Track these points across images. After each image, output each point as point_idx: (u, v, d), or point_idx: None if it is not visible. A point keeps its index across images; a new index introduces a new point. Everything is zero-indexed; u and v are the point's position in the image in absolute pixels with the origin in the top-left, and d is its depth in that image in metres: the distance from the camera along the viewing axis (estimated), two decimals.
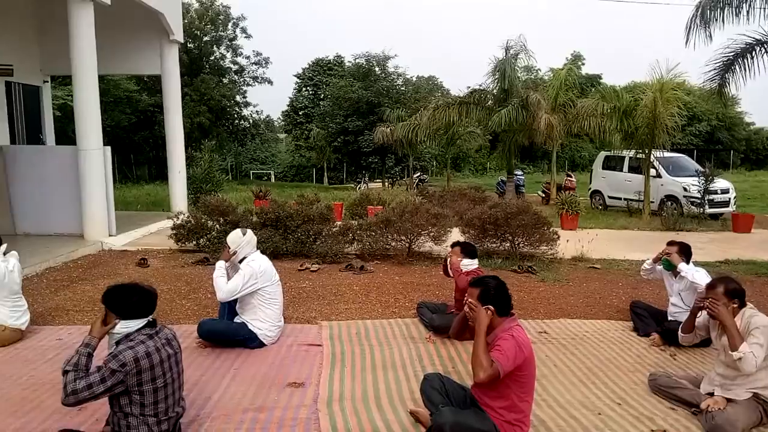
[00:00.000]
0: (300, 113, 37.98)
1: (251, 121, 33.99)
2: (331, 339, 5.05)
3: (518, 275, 7.58)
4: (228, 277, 4.74)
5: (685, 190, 14.26)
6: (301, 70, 38.99)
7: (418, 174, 27.89)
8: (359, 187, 25.41)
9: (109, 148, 9.50)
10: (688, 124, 32.77)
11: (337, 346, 4.87)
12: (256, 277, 4.69)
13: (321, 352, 4.73)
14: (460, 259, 5.26)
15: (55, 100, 16.45)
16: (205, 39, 30.23)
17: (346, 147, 30.57)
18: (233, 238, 4.84)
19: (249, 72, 32.65)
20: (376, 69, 30.95)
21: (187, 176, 13.41)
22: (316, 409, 3.70)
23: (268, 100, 62.50)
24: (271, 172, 41.65)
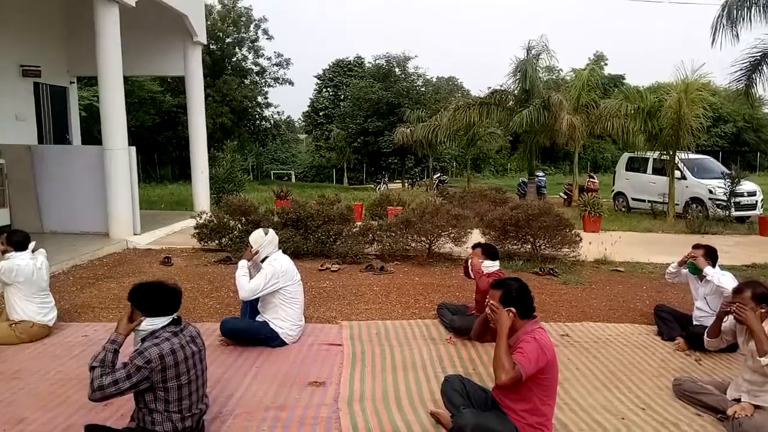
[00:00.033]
0: (320, 114, 38.15)
1: (272, 121, 34.27)
2: (352, 339, 5.07)
3: (540, 277, 7.52)
4: (250, 276, 4.79)
5: (711, 192, 14.04)
6: (321, 71, 39.19)
7: (438, 175, 27.83)
8: (379, 188, 25.41)
9: (134, 148, 9.65)
10: (714, 125, 32.17)
11: (358, 346, 4.88)
12: (277, 276, 4.73)
13: (341, 352, 4.75)
14: (481, 260, 5.24)
15: (81, 100, 16.73)
16: (228, 40, 30.53)
17: (366, 147, 30.65)
18: (255, 238, 4.88)
19: (270, 73, 32.92)
20: (397, 70, 30.98)
21: (210, 176, 13.55)
22: (337, 409, 3.72)
23: (288, 101, 62.96)
24: (292, 173, 41.91)
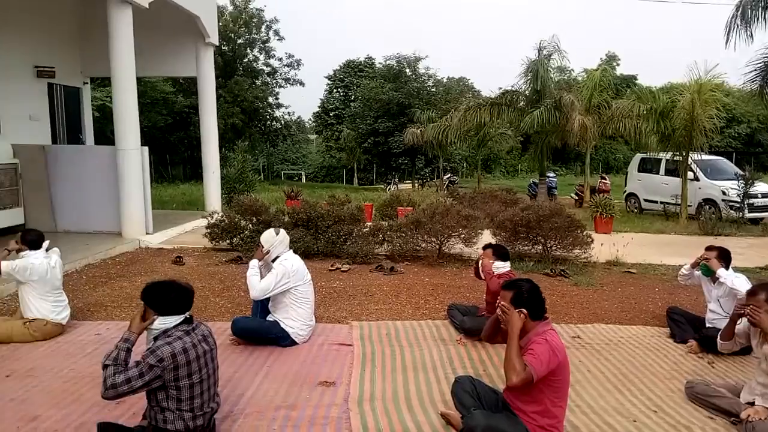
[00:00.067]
0: (331, 114, 38.22)
1: (283, 122, 34.33)
2: (362, 339, 5.07)
3: (551, 279, 7.48)
4: (261, 275, 4.81)
5: (724, 193, 13.92)
6: (332, 72, 39.25)
7: (448, 175, 27.78)
8: (389, 188, 25.42)
9: (146, 149, 9.70)
10: (727, 126, 31.87)
11: (368, 347, 4.89)
12: (288, 276, 4.75)
13: (352, 352, 4.76)
14: (492, 261, 5.23)
15: (94, 101, 16.90)
16: (239, 41, 30.64)
17: (377, 148, 30.66)
18: (267, 238, 4.90)
19: (281, 74, 32.99)
20: (407, 70, 30.96)
21: (221, 176, 13.61)
22: (347, 409, 3.73)
23: (299, 102, 63.10)
24: (302, 173, 42.07)
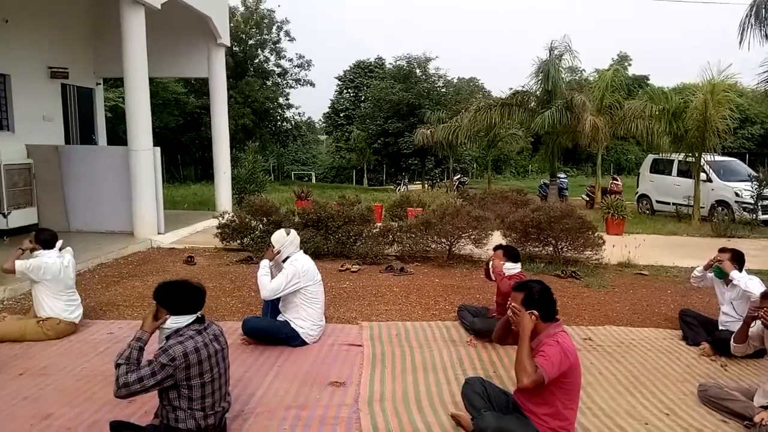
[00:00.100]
0: (341, 115, 38.26)
1: (293, 122, 34.43)
2: (372, 339, 5.08)
3: (561, 280, 7.45)
4: (272, 275, 4.83)
5: (737, 195, 13.78)
6: (342, 73, 39.31)
7: (458, 176, 27.74)
8: (399, 189, 25.43)
9: (158, 149, 9.77)
10: (741, 126, 31.52)
11: (378, 347, 4.89)
12: (299, 276, 4.76)
13: (361, 353, 4.76)
14: (502, 262, 5.21)
15: (107, 101, 16.97)
16: (250, 42, 30.75)
17: (386, 149, 30.68)
18: (277, 238, 4.92)
19: (292, 74, 33.09)
20: (417, 71, 30.95)
21: (232, 177, 13.68)
22: (358, 409, 3.73)
23: (309, 102, 63.26)
24: (312, 173, 42.18)
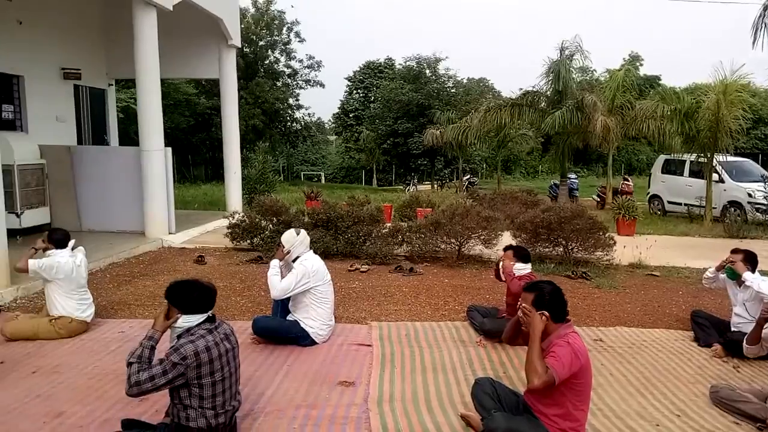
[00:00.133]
0: (350, 115, 38.31)
1: (303, 123, 34.50)
2: (381, 339, 5.08)
3: (572, 281, 7.41)
4: (282, 275, 4.85)
5: (750, 195, 13.65)
6: (352, 73, 39.36)
7: (467, 176, 27.67)
8: (408, 189, 25.42)
9: (170, 149, 9.85)
10: (753, 127, 31.20)
11: (387, 347, 4.89)
12: (308, 276, 4.78)
13: (371, 352, 4.77)
14: (512, 263, 5.20)
15: (119, 102, 17.10)
16: (261, 43, 30.84)
17: (396, 149, 30.69)
18: (287, 238, 4.94)
19: (302, 75, 33.17)
20: (427, 71, 30.94)
21: (242, 177, 13.73)
22: (367, 409, 3.74)
23: (319, 103, 63.45)
24: (322, 174, 42.27)
